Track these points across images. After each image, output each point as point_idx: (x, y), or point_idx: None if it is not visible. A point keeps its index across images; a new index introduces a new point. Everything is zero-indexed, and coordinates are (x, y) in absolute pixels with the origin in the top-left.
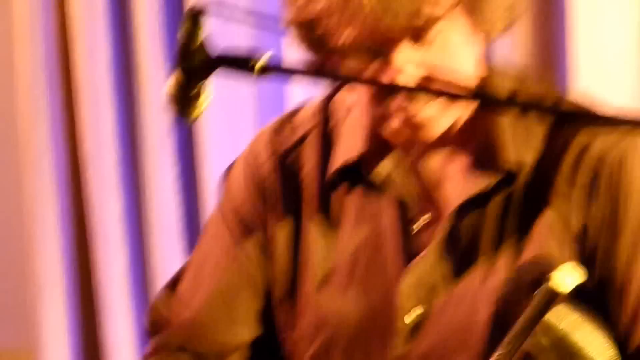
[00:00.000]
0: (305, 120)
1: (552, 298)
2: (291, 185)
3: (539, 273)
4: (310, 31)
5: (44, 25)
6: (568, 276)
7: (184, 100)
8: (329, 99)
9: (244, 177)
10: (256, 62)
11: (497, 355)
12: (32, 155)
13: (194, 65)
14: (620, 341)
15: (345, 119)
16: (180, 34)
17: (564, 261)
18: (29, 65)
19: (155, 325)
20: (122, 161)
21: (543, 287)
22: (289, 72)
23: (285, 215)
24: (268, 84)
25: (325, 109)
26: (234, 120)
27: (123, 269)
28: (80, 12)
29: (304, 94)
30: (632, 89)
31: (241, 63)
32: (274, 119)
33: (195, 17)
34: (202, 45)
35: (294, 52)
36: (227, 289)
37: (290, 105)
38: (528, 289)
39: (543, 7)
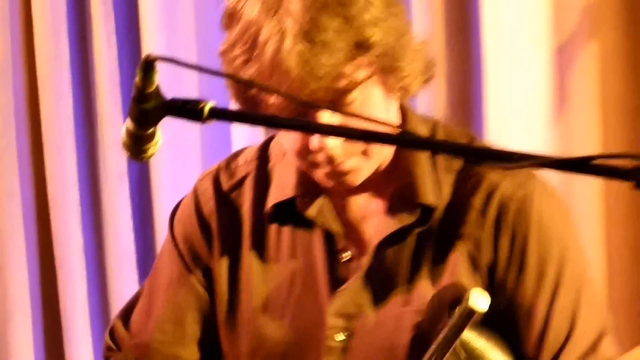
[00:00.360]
0: (246, 162)
1: (469, 317)
2: (233, 221)
3: (455, 297)
4: (244, 90)
5: (14, 76)
6: (482, 298)
7: (138, 141)
8: (267, 142)
9: (193, 212)
10: (204, 107)
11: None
12: (3, 195)
13: (147, 109)
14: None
15: (281, 161)
16: (135, 81)
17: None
18: (0, 113)
19: (112, 347)
20: (83, 200)
21: (460, 307)
22: (235, 117)
23: (227, 247)
24: (214, 128)
25: (264, 151)
26: (184, 162)
27: (84, 297)
28: (47, 64)
29: (248, 138)
30: (538, 141)
31: (191, 108)
32: (219, 161)
33: (149, 65)
34: (155, 91)
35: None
36: (177, 310)
37: (235, 148)
38: (444, 312)
39: (458, 64)
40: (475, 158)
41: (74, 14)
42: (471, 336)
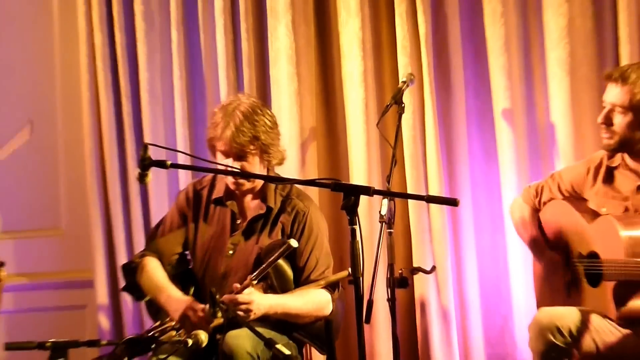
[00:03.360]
0: (206, 180)
1: (289, 248)
2: (199, 203)
3: (280, 243)
4: (211, 142)
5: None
6: (294, 242)
7: (142, 177)
8: (216, 174)
9: (184, 197)
10: (167, 162)
11: (259, 270)
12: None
13: (145, 164)
14: (300, 275)
15: (219, 181)
16: (140, 153)
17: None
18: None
19: (146, 244)
20: (123, 203)
21: (285, 244)
22: (181, 167)
23: (195, 214)
24: (172, 171)
25: (214, 178)
26: (159, 188)
27: (123, 241)
28: (111, 163)
29: (184, 177)
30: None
31: (161, 163)
32: (192, 180)
33: (145, 147)
34: (148, 156)
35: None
36: (175, 234)
37: (180, 181)
38: (273, 250)
39: None
40: (281, 181)
41: (118, 136)
42: (292, 242)
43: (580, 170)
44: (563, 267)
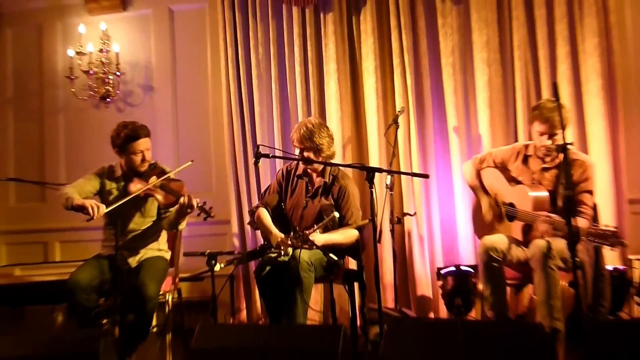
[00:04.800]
0: (293, 164)
1: (333, 218)
2: (289, 177)
3: (330, 209)
4: (294, 143)
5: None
6: (337, 213)
7: (256, 163)
8: (298, 161)
9: (280, 173)
10: (269, 154)
11: (317, 226)
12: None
13: (258, 156)
14: (342, 220)
15: (300, 165)
16: (255, 150)
17: (337, 204)
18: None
19: (260, 200)
20: (245, 181)
21: (332, 216)
22: (276, 157)
23: (285, 184)
24: (272, 160)
25: (297, 163)
26: (265, 168)
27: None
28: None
29: (280, 164)
30: None
31: (266, 155)
32: (284, 164)
33: (258, 147)
34: (259, 151)
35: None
36: (273, 195)
37: (276, 164)
38: (326, 210)
39: None
40: (330, 165)
41: (243, 142)
42: (335, 214)
43: (509, 152)
44: (493, 206)
